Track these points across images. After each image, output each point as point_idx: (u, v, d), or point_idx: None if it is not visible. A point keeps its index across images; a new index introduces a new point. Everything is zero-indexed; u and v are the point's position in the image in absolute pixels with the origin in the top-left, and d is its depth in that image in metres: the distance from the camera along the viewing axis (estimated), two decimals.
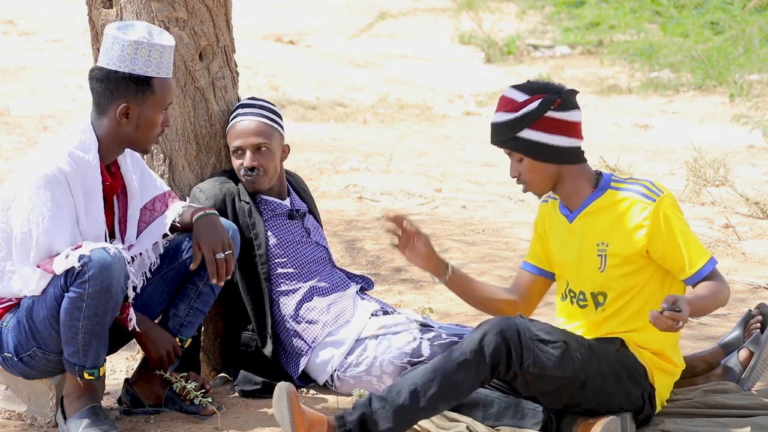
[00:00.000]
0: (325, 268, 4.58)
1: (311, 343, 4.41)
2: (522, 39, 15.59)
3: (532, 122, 3.79)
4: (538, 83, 3.85)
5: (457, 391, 3.68)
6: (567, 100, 3.80)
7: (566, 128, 3.82)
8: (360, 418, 3.66)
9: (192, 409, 4.21)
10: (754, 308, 4.31)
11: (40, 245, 3.85)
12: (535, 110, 3.78)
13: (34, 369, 4.04)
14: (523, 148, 3.82)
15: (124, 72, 3.91)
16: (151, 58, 3.91)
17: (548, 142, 3.81)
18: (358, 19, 17.00)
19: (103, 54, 3.94)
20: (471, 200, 7.68)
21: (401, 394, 3.67)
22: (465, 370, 3.65)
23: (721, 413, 3.95)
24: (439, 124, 11.27)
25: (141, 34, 3.91)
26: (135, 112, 3.96)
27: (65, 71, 13.02)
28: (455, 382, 3.66)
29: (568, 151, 3.84)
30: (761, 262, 5.90)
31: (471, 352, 3.65)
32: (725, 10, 13.15)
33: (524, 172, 3.86)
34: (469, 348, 3.66)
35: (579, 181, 3.88)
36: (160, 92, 3.96)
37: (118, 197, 4.11)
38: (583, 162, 3.89)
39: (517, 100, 3.80)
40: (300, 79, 13.39)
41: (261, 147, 4.46)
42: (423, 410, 3.67)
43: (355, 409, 3.69)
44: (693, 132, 10.09)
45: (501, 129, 3.83)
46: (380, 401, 3.66)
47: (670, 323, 3.51)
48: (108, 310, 3.87)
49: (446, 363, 3.67)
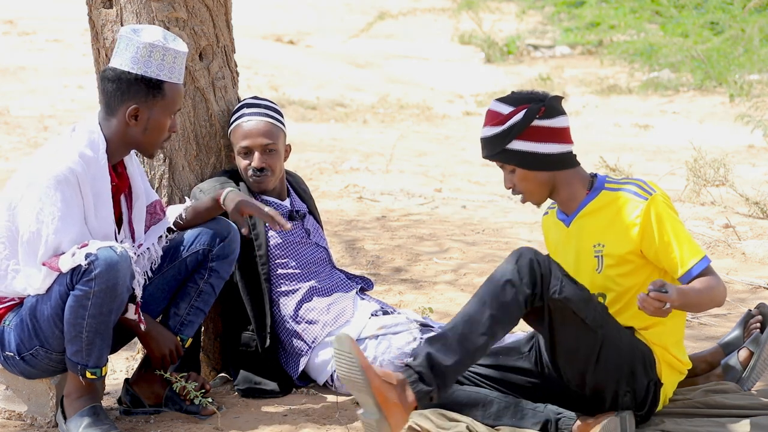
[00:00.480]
0: (324, 268, 4.58)
1: (311, 344, 4.41)
2: (522, 39, 15.60)
3: (519, 133, 3.81)
4: (522, 94, 3.87)
5: (508, 311, 3.67)
6: (552, 108, 3.83)
7: (554, 135, 3.84)
8: (426, 359, 3.64)
9: (192, 409, 4.21)
10: (754, 308, 4.31)
11: (48, 245, 3.85)
12: (521, 121, 3.80)
13: (36, 368, 4.04)
14: (514, 159, 3.84)
15: (136, 74, 3.92)
16: (165, 62, 3.93)
17: (538, 151, 3.82)
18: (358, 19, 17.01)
19: (117, 55, 3.95)
20: (471, 200, 7.68)
21: (457, 326, 3.67)
22: (510, 287, 3.66)
23: (721, 413, 3.95)
24: (439, 124, 11.27)
25: (156, 38, 3.92)
26: (144, 115, 3.97)
27: (65, 71, 13.03)
28: (504, 302, 3.66)
29: (559, 157, 3.85)
30: (761, 262, 5.90)
31: (510, 271, 3.68)
32: (725, 10, 13.15)
33: (518, 183, 3.88)
34: (507, 269, 3.69)
35: (574, 185, 3.90)
36: (170, 97, 3.98)
37: (124, 197, 4.11)
38: (576, 166, 3.91)
39: (503, 113, 3.83)
40: (300, 79, 13.40)
41: (269, 147, 4.47)
42: (484, 335, 3.66)
43: (416, 355, 3.67)
44: (693, 132, 10.09)
45: (490, 143, 3.86)
46: (439, 339, 3.66)
47: (657, 305, 3.53)
48: (113, 309, 3.87)
49: (489, 286, 3.69)
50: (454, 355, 3.64)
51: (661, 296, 3.53)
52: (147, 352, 4.18)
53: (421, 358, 3.65)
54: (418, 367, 3.64)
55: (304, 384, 4.46)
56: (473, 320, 3.67)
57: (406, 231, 6.63)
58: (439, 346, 3.65)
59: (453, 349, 3.64)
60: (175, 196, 4.50)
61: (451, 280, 5.74)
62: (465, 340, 3.65)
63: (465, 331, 3.66)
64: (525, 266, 3.69)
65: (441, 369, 3.63)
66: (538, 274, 3.68)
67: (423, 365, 3.64)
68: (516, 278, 3.68)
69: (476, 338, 3.66)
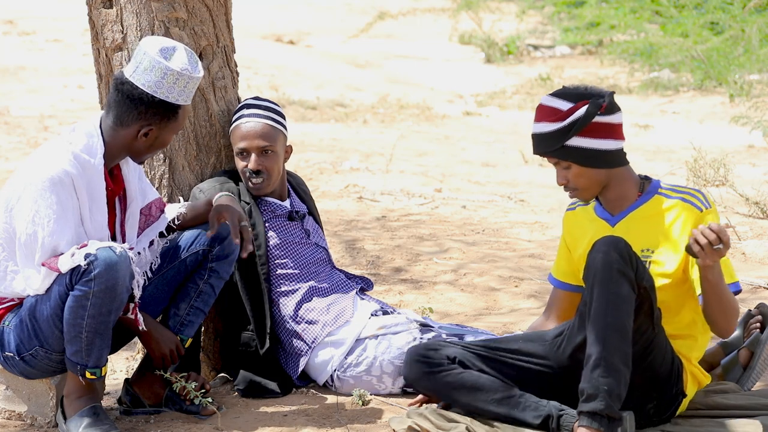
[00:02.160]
0: (324, 269, 4.58)
1: (311, 344, 4.41)
2: (522, 39, 15.60)
3: (580, 129, 3.76)
4: (579, 89, 3.81)
5: (625, 303, 3.63)
6: (612, 104, 3.79)
7: (613, 131, 3.81)
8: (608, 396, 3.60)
9: (192, 409, 4.21)
10: (754, 308, 4.31)
11: (45, 247, 3.85)
12: (584, 117, 3.75)
13: (36, 368, 4.04)
14: (573, 155, 3.79)
15: (159, 98, 3.93)
16: (186, 89, 3.96)
17: (598, 147, 3.79)
18: (358, 19, 17.01)
19: (140, 73, 3.93)
20: (471, 200, 7.68)
21: (607, 342, 3.61)
22: (622, 277, 3.62)
23: (721, 413, 3.95)
24: (439, 124, 11.27)
25: (183, 65, 3.92)
26: (154, 134, 4.00)
27: (65, 71, 13.04)
28: (617, 294, 3.62)
29: (616, 153, 3.83)
30: (761, 262, 5.90)
31: (617, 260, 3.62)
32: (725, 10, 13.15)
33: (573, 179, 3.83)
34: (603, 262, 3.62)
35: (626, 184, 3.87)
36: (181, 118, 4.02)
37: (119, 200, 4.11)
38: (627, 163, 3.89)
39: (562, 109, 3.77)
40: (300, 79, 13.40)
41: (266, 150, 4.46)
42: (626, 341, 3.63)
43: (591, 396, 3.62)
44: (693, 132, 10.09)
45: (547, 139, 3.79)
46: (600, 365, 3.61)
47: (713, 237, 3.54)
48: (112, 309, 3.87)
49: (604, 277, 3.62)
50: (621, 376, 3.63)
51: (722, 230, 3.54)
52: (147, 352, 4.18)
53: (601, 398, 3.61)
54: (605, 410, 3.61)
55: (304, 384, 4.46)
56: (621, 333, 3.62)
57: (406, 231, 6.63)
58: (611, 377, 3.62)
59: (617, 370, 3.62)
60: (175, 196, 4.50)
61: (451, 280, 5.74)
62: (622, 356, 3.63)
63: (616, 346, 3.62)
64: (618, 259, 3.63)
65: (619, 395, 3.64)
66: (629, 263, 3.64)
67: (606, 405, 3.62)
68: (620, 267, 3.61)
69: (627, 348, 3.64)
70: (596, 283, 3.65)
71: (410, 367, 3.95)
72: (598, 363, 3.60)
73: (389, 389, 4.34)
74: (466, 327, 4.51)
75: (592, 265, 3.66)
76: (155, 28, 4.41)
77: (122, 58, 4.44)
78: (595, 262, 3.65)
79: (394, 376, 4.31)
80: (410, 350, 3.99)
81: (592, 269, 3.66)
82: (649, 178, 3.92)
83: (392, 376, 4.32)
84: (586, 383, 3.62)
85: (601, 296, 3.63)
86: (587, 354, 3.64)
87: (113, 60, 4.46)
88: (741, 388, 4.12)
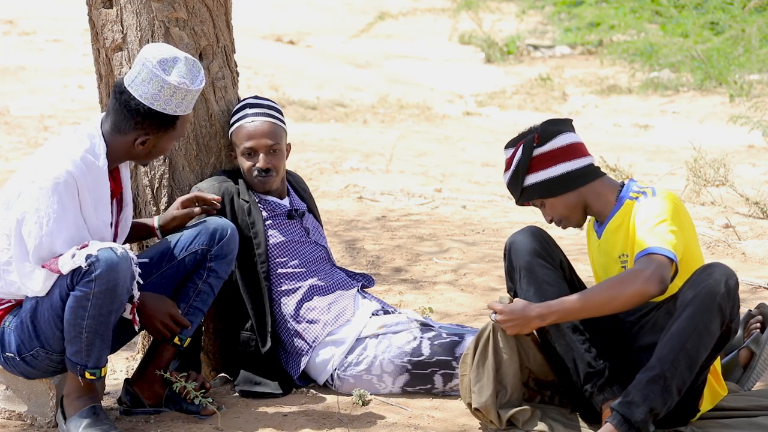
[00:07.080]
0: (324, 267, 4.58)
1: (312, 343, 4.41)
2: (522, 39, 15.61)
3: (526, 168, 3.87)
4: (521, 132, 3.94)
5: (709, 337, 3.63)
6: (545, 132, 3.87)
7: (560, 156, 3.87)
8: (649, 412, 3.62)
9: (192, 409, 4.21)
10: (754, 308, 4.31)
11: (42, 247, 3.85)
12: (522, 157, 3.87)
13: (36, 369, 4.04)
14: (537, 192, 3.89)
15: (156, 110, 3.94)
16: (184, 101, 3.97)
17: (552, 175, 3.86)
18: (358, 19, 17.02)
19: (138, 83, 3.94)
20: (471, 200, 7.68)
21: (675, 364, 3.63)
22: (719, 312, 3.63)
23: (722, 414, 3.95)
24: (439, 124, 11.27)
25: (182, 79, 3.93)
26: (151, 143, 4.01)
27: (65, 71, 13.05)
28: (707, 326, 3.63)
29: (577, 173, 3.88)
30: (761, 262, 5.90)
31: (722, 295, 3.62)
32: (725, 10, 13.16)
33: (551, 212, 3.93)
34: (710, 289, 3.61)
35: (603, 196, 3.91)
36: (180, 128, 4.03)
37: (116, 201, 4.12)
38: (600, 177, 3.91)
39: (507, 157, 3.93)
40: (300, 79, 13.41)
41: (273, 148, 4.48)
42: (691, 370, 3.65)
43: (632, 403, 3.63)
44: (693, 132, 10.10)
45: (511, 188, 3.95)
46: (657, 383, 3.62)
47: (501, 318, 3.77)
48: (113, 310, 3.87)
49: (703, 305, 3.61)
50: (670, 400, 3.66)
51: (493, 305, 3.77)
52: (148, 329, 4.15)
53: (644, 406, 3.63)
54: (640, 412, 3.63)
55: (305, 384, 4.46)
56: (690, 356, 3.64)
57: (406, 231, 6.63)
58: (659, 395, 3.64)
59: (670, 393, 3.64)
60: (176, 195, 4.50)
61: (451, 280, 5.74)
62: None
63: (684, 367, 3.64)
64: (733, 288, 3.66)
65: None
66: (737, 301, 3.67)
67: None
68: (725, 302, 3.63)
69: (688, 378, 3.67)
70: (693, 304, 3.64)
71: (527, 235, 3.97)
72: (657, 379, 3.63)
73: (389, 388, 4.34)
74: (466, 327, 4.51)
75: (698, 285, 3.65)
76: (155, 28, 4.41)
77: (122, 58, 4.44)
78: (702, 285, 3.65)
79: (395, 375, 4.32)
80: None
81: (696, 289, 3.65)
82: (624, 183, 3.94)
83: (392, 376, 4.32)
84: (637, 391, 3.64)
85: (691, 319, 3.64)
86: (651, 362, 3.65)
87: (113, 60, 4.46)
88: (741, 388, 4.12)
